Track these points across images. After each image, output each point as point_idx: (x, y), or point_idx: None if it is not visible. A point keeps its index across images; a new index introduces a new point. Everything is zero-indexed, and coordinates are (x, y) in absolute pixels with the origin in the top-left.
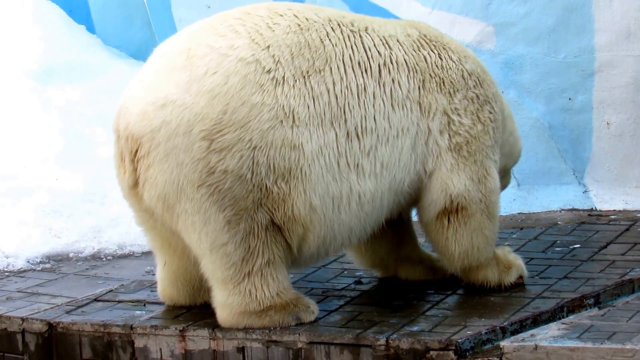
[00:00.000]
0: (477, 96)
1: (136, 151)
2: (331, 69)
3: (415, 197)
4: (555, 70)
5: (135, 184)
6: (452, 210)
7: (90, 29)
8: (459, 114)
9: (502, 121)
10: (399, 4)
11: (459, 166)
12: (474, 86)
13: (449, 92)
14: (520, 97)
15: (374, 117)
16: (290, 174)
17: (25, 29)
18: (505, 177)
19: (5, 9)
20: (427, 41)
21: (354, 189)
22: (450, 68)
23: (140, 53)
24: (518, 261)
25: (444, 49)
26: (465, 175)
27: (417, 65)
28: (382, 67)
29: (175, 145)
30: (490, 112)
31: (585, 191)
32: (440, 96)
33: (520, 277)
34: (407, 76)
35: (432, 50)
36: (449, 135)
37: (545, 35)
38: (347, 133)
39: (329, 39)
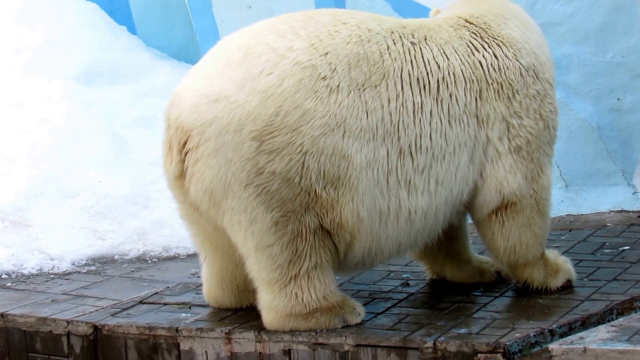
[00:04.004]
0: (538, 92)
1: (185, 142)
2: (388, 85)
3: (471, 200)
4: (603, 70)
5: (180, 174)
6: (502, 206)
7: (132, 30)
8: (519, 117)
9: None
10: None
11: (517, 166)
12: (532, 82)
13: (508, 97)
14: (567, 97)
15: (430, 136)
16: (339, 181)
17: (67, 30)
18: None
19: (47, 10)
20: (479, 40)
21: (404, 205)
22: (507, 68)
23: (182, 54)
24: (567, 265)
25: (497, 43)
26: (520, 174)
27: (473, 74)
28: (440, 83)
29: (225, 142)
30: (550, 103)
31: (635, 192)
32: (498, 104)
33: (569, 280)
34: (464, 89)
35: (485, 51)
36: (509, 139)
37: (593, 35)
38: (400, 150)
39: (389, 53)
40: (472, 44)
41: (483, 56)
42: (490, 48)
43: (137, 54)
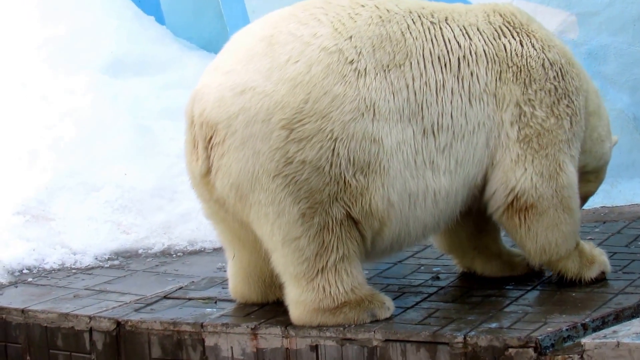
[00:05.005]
0: (556, 88)
1: (210, 138)
2: (411, 64)
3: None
4: None
5: (207, 171)
6: (522, 208)
7: (160, 20)
8: (532, 105)
9: (585, 116)
10: None
11: (525, 158)
12: (553, 77)
13: (524, 82)
14: (604, 87)
15: (451, 114)
16: (369, 167)
17: (93, 20)
18: (591, 181)
19: (73, 0)
20: (511, 28)
21: (430, 186)
22: (530, 56)
23: (211, 45)
24: (602, 257)
25: (528, 36)
26: (532, 170)
27: (496, 55)
28: (461, 60)
29: (252, 133)
30: (568, 106)
31: None
32: (514, 87)
33: (603, 272)
34: (486, 68)
35: (513, 38)
36: (519, 127)
37: (630, 25)
38: (424, 130)
39: (410, 32)
40: (502, 30)
41: (509, 41)
42: (519, 36)
43: (165, 45)
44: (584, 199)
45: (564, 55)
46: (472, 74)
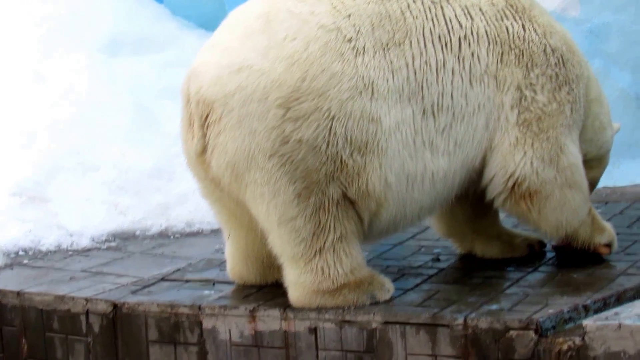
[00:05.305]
0: (557, 75)
1: (207, 116)
2: (411, 42)
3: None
4: None
5: (203, 150)
6: (525, 195)
7: None
8: (533, 90)
9: (585, 104)
10: None
11: (525, 141)
12: (555, 64)
13: (526, 66)
14: (606, 66)
15: (452, 95)
16: (366, 147)
17: None
18: (595, 167)
19: None
20: (513, 12)
21: (428, 167)
22: (532, 41)
23: (210, 24)
24: (612, 231)
25: (530, 20)
26: (532, 153)
27: (498, 36)
28: (462, 40)
29: (249, 112)
30: (569, 94)
31: None
32: (516, 70)
33: (608, 245)
34: (487, 49)
35: (515, 21)
36: (519, 110)
37: (632, 2)
38: (424, 110)
39: (410, 11)
40: (504, 12)
41: (511, 24)
42: (521, 20)
43: (163, 24)
44: (592, 185)
45: (565, 43)
46: (473, 55)
